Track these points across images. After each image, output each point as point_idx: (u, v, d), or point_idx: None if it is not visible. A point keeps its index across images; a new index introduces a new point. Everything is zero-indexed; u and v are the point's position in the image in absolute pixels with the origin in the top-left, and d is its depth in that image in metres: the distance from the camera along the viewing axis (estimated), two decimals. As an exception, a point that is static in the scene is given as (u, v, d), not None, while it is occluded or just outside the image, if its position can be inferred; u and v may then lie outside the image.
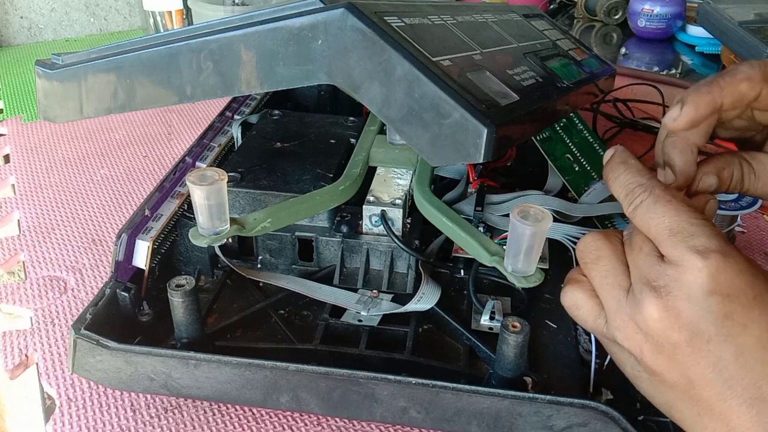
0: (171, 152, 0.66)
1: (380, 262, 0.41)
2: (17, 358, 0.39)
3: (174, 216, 0.42)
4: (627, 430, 0.31)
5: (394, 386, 0.33)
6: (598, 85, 0.47)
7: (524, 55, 0.41)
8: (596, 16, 1.09)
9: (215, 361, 0.34)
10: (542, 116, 0.37)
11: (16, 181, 0.59)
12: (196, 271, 0.43)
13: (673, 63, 0.91)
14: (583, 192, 0.41)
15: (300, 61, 0.32)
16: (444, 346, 0.39)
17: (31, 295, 0.44)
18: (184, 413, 0.35)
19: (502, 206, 0.42)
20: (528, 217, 0.30)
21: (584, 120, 0.45)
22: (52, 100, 0.43)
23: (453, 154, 0.30)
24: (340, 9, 0.30)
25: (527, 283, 0.32)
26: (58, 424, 0.35)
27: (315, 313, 0.40)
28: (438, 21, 0.37)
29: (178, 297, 0.34)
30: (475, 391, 0.32)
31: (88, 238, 0.51)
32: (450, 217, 0.38)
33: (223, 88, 0.35)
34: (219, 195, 0.32)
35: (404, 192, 0.42)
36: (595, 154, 0.43)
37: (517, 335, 0.32)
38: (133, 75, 0.37)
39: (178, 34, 0.36)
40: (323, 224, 0.42)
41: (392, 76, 0.30)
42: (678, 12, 0.97)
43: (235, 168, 0.43)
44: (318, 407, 0.34)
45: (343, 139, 0.49)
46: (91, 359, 0.35)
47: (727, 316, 0.25)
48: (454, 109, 0.29)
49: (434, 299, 0.38)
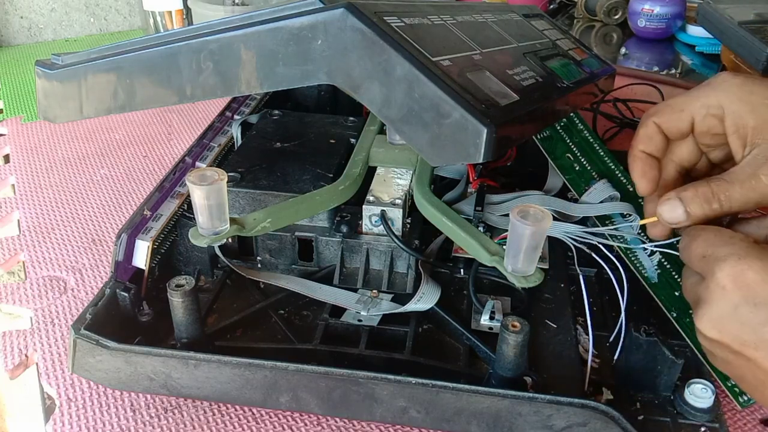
0: (171, 152, 0.66)
1: (380, 262, 0.41)
2: (17, 358, 0.39)
3: (174, 216, 0.42)
4: (627, 429, 0.31)
5: (394, 386, 0.33)
6: (598, 85, 0.47)
7: (524, 55, 0.41)
8: (596, 16, 1.09)
9: (215, 361, 0.34)
10: (542, 116, 0.37)
11: (16, 181, 0.59)
12: (196, 271, 0.43)
13: (673, 63, 0.91)
14: (583, 192, 0.41)
15: (300, 61, 0.32)
16: (444, 346, 0.39)
17: (31, 295, 0.44)
18: (184, 413, 0.35)
19: (502, 206, 0.42)
20: (528, 217, 0.30)
21: (584, 120, 0.45)
22: (52, 100, 0.43)
23: (453, 154, 0.30)
24: (340, 9, 0.30)
25: (527, 283, 0.32)
26: (58, 424, 0.35)
27: (315, 313, 0.40)
28: (438, 21, 0.37)
29: (177, 297, 0.34)
30: (475, 391, 0.32)
31: (88, 238, 0.51)
32: (450, 217, 0.38)
33: (223, 88, 0.35)
34: (219, 195, 0.32)
35: (404, 192, 0.42)
36: (595, 154, 0.43)
37: (517, 335, 0.32)
38: (133, 75, 0.37)
39: (178, 34, 0.36)
40: (323, 224, 0.42)
41: (392, 76, 0.30)
42: (678, 12, 0.97)
43: (235, 168, 0.43)
44: (318, 407, 0.34)
45: (343, 139, 0.49)
46: (90, 359, 0.35)
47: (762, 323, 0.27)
48: (454, 109, 0.29)
49: (434, 299, 0.38)
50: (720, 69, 0.87)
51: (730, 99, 0.32)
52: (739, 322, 0.27)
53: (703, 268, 0.29)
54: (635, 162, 0.35)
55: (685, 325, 0.36)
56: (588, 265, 0.42)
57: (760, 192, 0.30)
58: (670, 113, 0.34)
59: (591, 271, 0.43)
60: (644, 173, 0.35)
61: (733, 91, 0.32)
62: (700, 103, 0.33)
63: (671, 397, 0.35)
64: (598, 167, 0.42)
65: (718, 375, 0.34)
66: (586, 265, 0.42)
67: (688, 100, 0.33)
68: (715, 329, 0.28)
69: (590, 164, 0.42)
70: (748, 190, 0.30)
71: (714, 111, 0.32)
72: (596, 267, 0.43)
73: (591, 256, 0.38)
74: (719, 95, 0.32)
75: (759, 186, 0.30)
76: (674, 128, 0.34)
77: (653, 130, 0.35)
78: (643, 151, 0.35)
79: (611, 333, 0.38)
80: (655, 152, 0.35)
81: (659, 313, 0.37)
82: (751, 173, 0.30)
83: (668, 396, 0.35)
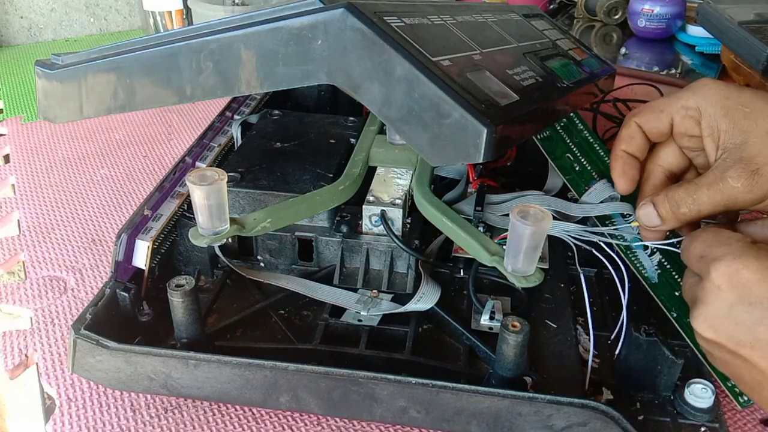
0: (171, 152, 0.66)
1: (380, 262, 0.41)
2: (17, 358, 0.39)
3: (174, 216, 0.42)
4: (627, 429, 0.31)
5: (394, 386, 0.33)
6: (597, 85, 0.47)
7: (524, 55, 0.41)
8: (596, 16, 1.09)
9: (215, 361, 0.34)
10: (542, 116, 0.37)
11: (16, 181, 0.59)
12: (196, 271, 0.43)
13: (672, 63, 0.91)
14: (583, 192, 0.41)
15: (300, 61, 0.32)
16: (444, 346, 0.39)
17: (31, 295, 0.44)
18: (184, 413, 0.35)
19: (502, 206, 0.42)
20: (528, 217, 0.30)
21: (584, 120, 0.45)
22: (52, 100, 0.43)
23: (453, 154, 0.30)
24: (340, 9, 0.30)
25: (527, 283, 0.32)
26: (58, 424, 0.35)
27: (315, 313, 0.40)
28: (438, 21, 0.37)
29: (177, 297, 0.34)
30: (474, 391, 0.32)
31: (88, 238, 0.51)
32: (450, 217, 0.38)
33: (223, 88, 0.35)
34: (219, 195, 0.32)
35: (404, 192, 0.42)
36: (595, 154, 0.43)
37: (517, 335, 0.32)
38: (133, 75, 0.37)
39: (178, 34, 0.36)
40: (323, 224, 0.42)
41: (392, 76, 0.30)
42: (678, 12, 0.97)
43: (235, 168, 0.43)
44: (318, 407, 0.34)
45: (343, 139, 0.49)
46: (91, 359, 0.35)
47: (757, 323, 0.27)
48: (454, 109, 0.29)
49: (434, 299, 0.38)
50: (720, 69, 0.87)
51: (708, 102, 0.32)
52: (735, 322, 0.27)
53: (700, 269, 0.29)
54: (616, 161, 0.36)
55: (685, 325, 0.36)
56: (588, 264, 0.42)
57: (726, 194, 0.31)
58: (650, 113, 0.35)
59: (591, 270, 0.43)
60: (624, 172, 0.36)
61: (711, 95, 0.32)
62: (680, 104, 0.34)
63: (671, 397, 0.35)
64: (598, 167, 0.42)
65: (718, 375, 0.34)
66: (587, 264, 0.42)
67: (669, 102, 0.34)
68: (711, 329, 0.28)
69: (590, 164, 0.42)
70: (714, 192, 0.31)
71: (692, 113, 0.33)
72: (596, 267, 0.43)
73: (591, 255, 0.38)
74: (698, 98, 0.33)
75: (726, 188, 0.31)
76: (654, 129, 0.35)
77: (634, 130, 0.35)
78: (624, 150, 0.36)
79: (611, 333, 0.38)
80: (635, 152, 0.36)
81: (659, 313, 0.37)
82: (719, 176, 0.31)
83: (668, 396, 0.35)
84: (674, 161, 0.36)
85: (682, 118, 0.33)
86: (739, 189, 0.30)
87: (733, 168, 0.30)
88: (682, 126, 0.34)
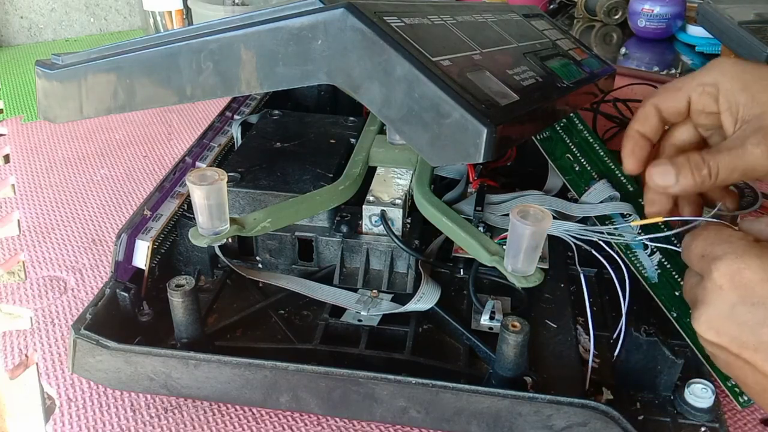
0: (171, 152, 0.66)
1: (380, 262, 0.41)
2: (17, 358, 0.39)
3: (174, 216, 0.42)
4: (627, 429, 0.31)
5: (394, 386, 0.33)
6: (598, 85, 0.47)
7: (524, 55, 0.41)
8: (596, 16, 1.08)
9: (215, 361, 0.34)
10: (542, 116, 0.37)
11: (16, 181, 0.59)
12: (196, 271, 0.43)
13: (673, 63, 0.91)
14: (583, 192, 0.41)
15: (300, 61, 0.32)
16: (444, 346, 0.39)
17: (31, 295, 0.44)
18: (184, 413, 0.35)
19: (502, 206, 0.42)
20: (528, 217, 0.30)
21: (584, 120, 0.45)
22: (52, 100, 0.43)
23: (453, 154, 0.30)
24: (340, 9, 0.30)
25: (527, 282, 0.32)
26: (58, 424, 0.35)
27: (315, 313, 0.40)
28: (438, 21, 0.37)
29: (177, 297, 0.34)
30: (474, 391, 0.32)
31: (88, 238, 0.51)
32: (450, 217, 0.38)
33: (223, 88, 0.35)
34: (219, 195, 0.32)
35: (404, 192, 0.42)
36: (595, 155, 0.43)
37: (517, 335, 0.32)
38: (133, 75, 0.37)
39: (178, 34, 0.36)
40: (323, 224, 0.42)
41: (392, 76, 0.30)
42: (678, 12, 0.97)
43: (235, 168, 0.43)
44: (318, 407, 0.34)
45: (343, 139, 0.49)
46: (91, 359, 0.35)
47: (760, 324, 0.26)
48: (454, 109, 0.29)
49: (434, 299, 0.38)
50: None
51: (725, 77, 0.33)
52: (737, 323, 0.27)
53: (701, 268, 0.29)
54: (628, 140, 0.36)
55: (686, 325, 0.36)
56: (588, 264, 0.42)
57: (746, 160, 0.31)
58: (667, 93, 0.35)
59: (591, 270, 0.43)
60: (633, 152, 0.36)
61: (727, 70, 0.33)
62: (696, 81, 0.34)
63: (671, 397, 0.35)
64: (598, 167, 0.42)
65: (718, 375, 0.34)
66: (587, 264, 0.42)
67: (686, 80, 0.35)
68: (713, 330, 0.28)
69: (590, 164, 0.42)
70: (735, 158, 0.31)
71: (709, 89, 0.33)
72: (596, 267, 0.43)
73: (591, 255, 0.38)
74: (715, 74, 0.33)
75: (745, 154, 0.31)
76: (671, 107, 0.35)
77: (650, 110, 0.36)
78: (637, 131, 0.36)
79: (611, 333, 0.38)
80: (648, 133, 0.36)
81: (659, 313, 0.37)
82: (739, 143, 0.31)
83: (668, 396, 0.35)
84: (688, 138, 0.36)
85: (699, 95, 0.34)
86: (758, 155, 0.31)
87: (754, 135, 0.31)
88: (700, 103, 0.34)
